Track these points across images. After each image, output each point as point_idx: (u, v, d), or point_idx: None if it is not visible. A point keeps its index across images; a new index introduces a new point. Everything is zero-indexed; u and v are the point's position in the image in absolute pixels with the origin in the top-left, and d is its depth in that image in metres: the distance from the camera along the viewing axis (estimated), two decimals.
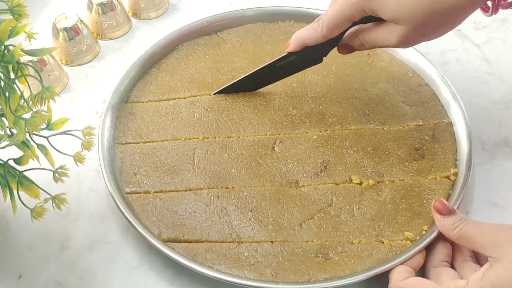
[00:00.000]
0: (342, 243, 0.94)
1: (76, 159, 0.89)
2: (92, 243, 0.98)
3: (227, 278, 0.89)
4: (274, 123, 1.09)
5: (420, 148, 1.05)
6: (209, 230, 0.96)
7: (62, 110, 1.02)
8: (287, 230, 0.96)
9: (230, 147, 1.06)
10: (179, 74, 1.19)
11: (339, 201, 0.98)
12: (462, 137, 1.05)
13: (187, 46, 1.24)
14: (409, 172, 1.02)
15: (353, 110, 1.10)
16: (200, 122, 1.10)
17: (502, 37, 1.28)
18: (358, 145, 1.05)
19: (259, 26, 1.26)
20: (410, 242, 0.93)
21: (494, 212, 1.00)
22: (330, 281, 0.89)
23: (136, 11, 1.35)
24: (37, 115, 0.80)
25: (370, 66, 1.18)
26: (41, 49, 0.88)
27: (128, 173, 1.04)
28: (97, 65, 1.26)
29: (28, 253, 0.97)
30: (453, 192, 0.98)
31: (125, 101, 1.14)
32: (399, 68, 1.18)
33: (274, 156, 1.04)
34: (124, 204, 0.97)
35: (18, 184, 0.85)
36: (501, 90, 1.18)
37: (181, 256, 0.92)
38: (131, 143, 1.08)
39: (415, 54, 1.17)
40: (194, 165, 1.04)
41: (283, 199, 0.99)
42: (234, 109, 1.11)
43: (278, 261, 0.92)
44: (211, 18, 1.26)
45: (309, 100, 1.12)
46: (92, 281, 0.94)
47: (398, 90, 1.14)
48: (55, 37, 1.22)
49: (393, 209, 0.97)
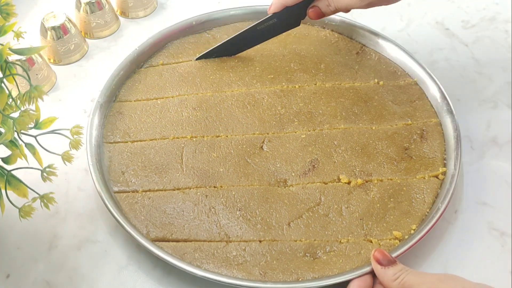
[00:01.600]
0: (330, 242, 0.94)
1: (64, 158, 0.89)
2: (81, 242, 0.98)
3: (216, 277, 0.89)
4: (263, 122, 1.09)
5: (409, 147, 1.05)
6: (197, 229, 0.96)
7: (50, 109, 1.02)
8: (276, 230, 0.95)
9: (218, 146, 1.06)
10: (168, 73, 1.18)
11: (327, 200, 0.98)
12: (451, 136, 1.05)
13: (176, 45, 1.24)
14: (398, 171, 1.02)
15: (342, 109, 1.10)
16: (188, 121, 1.09)
17: (490, 36, 1.29)
18: (347, 144, 1.05)
19: (249, 24, 1.26)
20: (398, 242, 0.93)
21: (482, 211, 1.01)
22: (318, 280, 0.89)
23: (124, 10, 1.35)
24: (25, 114, 0.80)
25: (359, 64, 1.18)
26: (29, 48, 0.87)
27: (116, 172, 1.03)
28: (85, 64, 1.26)
29: (16, 253, 0.97)
30: (441, 191, 0.98)
31: (114, 100, 1.14)
32: (387, 67, 1.18)
33: (262, 155, 1.04)
34: (112, 203, 0.97)
35: (6, 183, 0.85)
36: (490, 89, 1.18)
37: (169, 256, 0.91)
38: (119, 142, 1.08)
39: (403, 53, 1.18)
40: (183, 164, 1.03)
41: (272, 198, 0.99)
42: (223, 108, 1.11)
43: (266, 261, 0.92)
44: (200, 17, 1.26)
45: (297, 99, 1.12)
46: (80, 280, 0.94)
47: (386, 89, 1.14)
48: (43, 36, 1.21)
49: (381, 208, 0.97)
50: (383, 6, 1.07)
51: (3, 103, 0.80)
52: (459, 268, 0.93)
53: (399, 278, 0.83)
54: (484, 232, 0.98)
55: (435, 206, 0.97)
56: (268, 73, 1.17)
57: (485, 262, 0.95)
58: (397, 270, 0.84)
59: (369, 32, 1.22)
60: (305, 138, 1.06)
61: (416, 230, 0.94)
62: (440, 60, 1.23)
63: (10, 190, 0.85)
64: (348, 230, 0.95)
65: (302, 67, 1.16)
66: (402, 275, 0.83)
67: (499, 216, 1.00)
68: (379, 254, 0.87)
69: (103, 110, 1.11)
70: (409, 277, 0.82)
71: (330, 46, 1.23)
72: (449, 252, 0.96)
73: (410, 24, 1.31)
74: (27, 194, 0.86)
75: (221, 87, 1.15)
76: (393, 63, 1.19)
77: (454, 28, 1.30)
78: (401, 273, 0.83)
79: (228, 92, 1.14)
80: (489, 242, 0.97)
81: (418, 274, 0.83)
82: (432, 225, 0.93)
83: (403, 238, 0.93)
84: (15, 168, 0.86)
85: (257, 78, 1.16)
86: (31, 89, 0.81)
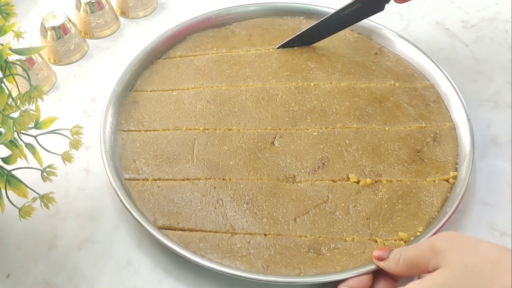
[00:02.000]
0: (335, 239, 0.94)
1: (64, 158, 0.89)
2: (81, 242, 0.98)
3: (218, 267, 0.90)
4: (276, 118, 1.09)
5: (421, 150, 1.04)
6: (204, 219, 0.97)
7: (50, 109, 1.02)
8: (281, 224, 0.96)
9: (230, 139, 1.06)
10: (185, 65, 1.20)
11: (335, 198, 0.98)
12: (465, 141, 1.04)
13: (195, 38, 1.25)
14: (408, 173, 1.01)
15: (356, 109, 1.10)
16: (202, 114, 1.10)
17: (490, 36, 1.28)
18: (358, 143, 1.05)
19: (268, 20, 1.27)
20: (404, 243, 0.93)
21: (482, 211, 1.00)
22: (320, 276, 0.89)
23: (124, 10, 1.35)
24: (25, 114, 0.80)
25: (376, 65, 1.18)
26: (29, 48, 0.88)
27: (128, 160, 1.05)
28: (85, 64, 1.26)
29: (16, 252, 0.97)
30: (451, 195, 0.98)
31: (130, 89, 1.16)
32: (405, 69, 1.18)
33: (273, 150, 1.05)
34: (122, 189, 0.98)
35: (6, 183, 0.85)
36: (490, 89, 1.18)
37: (175, 244, 0.92)
38: (133, 130, 1.09)
39: (423, 55, 1.18)
40: (193, 155, 1.04)
41: (279, 193, 0.99)
42: (237, 102, 1.12)
43: (270, 254, 0.92)
44: (220, 11, 1.28)
45: (312, 97, 1.12)
46: (80, 280, 0.94)
47: (403, 90, 1.14)
48: (43, 36, 1.22)
49: (389, 209, 0.97)
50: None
51: (3, 103, 0.80)
52: None
53: (400, 259, 0.84)
54: (484, 232, 0.98)
55: (443, 209, 0.96)
56: (284, 70, 1.17)
57: None
58: (395, 253, 0.86)
59: (388, 33, 1.22)
60: (316, 135, 1.06)
61: (423, 232, 0.93)
62: (440, 60, 1.22)
63: (10, 190, 0.85)
64: (354, 229, 0.95)
65: (319, 65, 1.16)
66: (401, 254, 0.84)
67: (499, 216, 0.99)
68: (378, 251, 0.88)
69: (119, 98, 1.13)
70: (406, 252, 0.84)
71: (349, 46, 1.23)
72: None
73: (410, 24, 1.31)
74: (27, 194, 0.86)
75: (236, 82, 1.16)
76: (411, 65, 1.18)
77: (454, 28, 1.30)
78: (399, 254, 0.85)
79: (243, 86, 1.15)
80: None
81: (413, 246, 0.84)
82: (439, 228, 0.93)
83: (409, 239, 0.93)
84: (15, 168, 0.86)
85: (273, 74, 1.17)
86: (31, 89, 0.81)
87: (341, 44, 1.23)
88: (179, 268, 0.94)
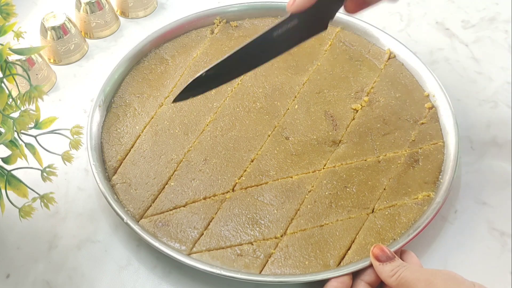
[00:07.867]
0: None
1: (64, 158, 0.89)
2: (81, 242, 0.98)
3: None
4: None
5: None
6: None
7: (50, 109, 1.02)
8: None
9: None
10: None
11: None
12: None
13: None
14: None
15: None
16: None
17: (490, 36, 1.29)
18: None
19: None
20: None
21: (482, 211, 1.01)
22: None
23: (124, 10, 1.34)
24: (25, 114, 0.80)
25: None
26: (29, 48, 0.88)
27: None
28: (85, 64, 1.25)
29: (16, 252, 0.96)
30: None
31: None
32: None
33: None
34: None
35: (6, 183, 0.84)
36: (490, 89, 1.18)
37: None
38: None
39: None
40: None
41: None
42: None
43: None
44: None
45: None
46: (80, 280, 0.93)
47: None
48: (43, 36, 1.21)
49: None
50: (384, 5, 1.04)
51: (3, 103, 0.80)
52: (459, 268, 0.92)
53: (396, 274, 0.83)
54: (484, 232, 0.98)
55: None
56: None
57: (485, 262, 0.95)
58: (394, 266, 0.85)
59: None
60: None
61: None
62: (440, 60, 1.23)
63: (10, 190, 0.85)
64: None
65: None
66: (399, 271, 0.83)
67: (499, 216, 1.00)
68: (377, 250, 0.88)
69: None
70: (405, 273, 0.83)
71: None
72: (448, 252, 0.96)
73: (410, 24, 1.31)
74: (27, 194, 0.86)
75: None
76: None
77: (454, 28, 1.30)
78: (398, 268, 0.84)
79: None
80: (489, 242, 0.97)
81: (415, 270, 0.83)
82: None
83: None
84: (15, 168, 0.86)
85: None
86: (31, 89, 0.81)
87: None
88: (179, 268, 0.93)
